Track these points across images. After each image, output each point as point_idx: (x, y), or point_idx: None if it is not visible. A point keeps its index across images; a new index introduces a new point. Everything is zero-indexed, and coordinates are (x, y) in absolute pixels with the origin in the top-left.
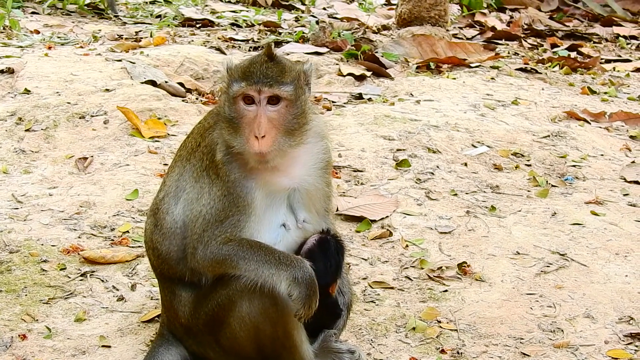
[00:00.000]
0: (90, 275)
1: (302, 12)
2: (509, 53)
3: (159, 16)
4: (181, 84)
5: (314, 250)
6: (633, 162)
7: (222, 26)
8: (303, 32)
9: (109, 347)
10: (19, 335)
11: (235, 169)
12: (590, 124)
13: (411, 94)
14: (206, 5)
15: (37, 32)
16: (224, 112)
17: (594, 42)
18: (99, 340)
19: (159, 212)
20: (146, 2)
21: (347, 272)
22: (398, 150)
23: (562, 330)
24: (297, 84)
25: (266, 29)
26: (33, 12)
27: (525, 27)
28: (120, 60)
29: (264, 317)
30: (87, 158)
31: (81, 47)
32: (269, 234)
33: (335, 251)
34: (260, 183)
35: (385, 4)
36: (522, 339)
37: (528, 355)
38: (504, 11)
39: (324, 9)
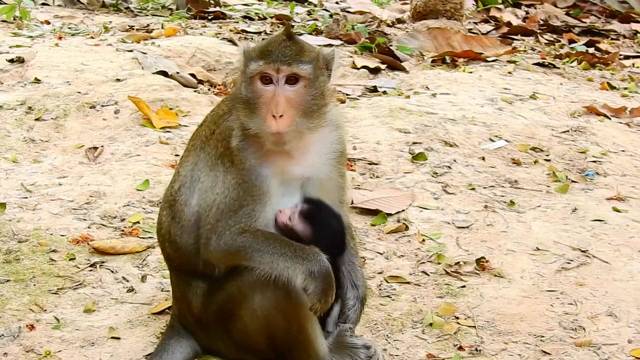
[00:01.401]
0: (100, 265)
1: (315, 5)
2: (525, 48)
3: (169, 9)
4: (193, 75)
5: (306, 226)
6: None
7: (234, 19)
8: (316, 25)
9: (119, 338)
10: (27, 325)
11: (251, 156)
12: (610, 119)
13: (427, 87)
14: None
15: (48, 22)
16: (240, 93)
17: (612, 39)
18: (108, 331)
19: (177, 204)
20: None
21: (361, 265)
22: (414, 143)
23: (584, 329)
24: (316, 65)
25: (278, 22)
26: (43, 4)
27: (542, 22)
28: (131, 51)
29: (277, 310)
30: (97, 148)
31: (92, 37)
32: None
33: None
34: (275, 171)
35: None
36: (543, 336)
37: (549, 354)
38: (520, 7)
39: (337, 2)
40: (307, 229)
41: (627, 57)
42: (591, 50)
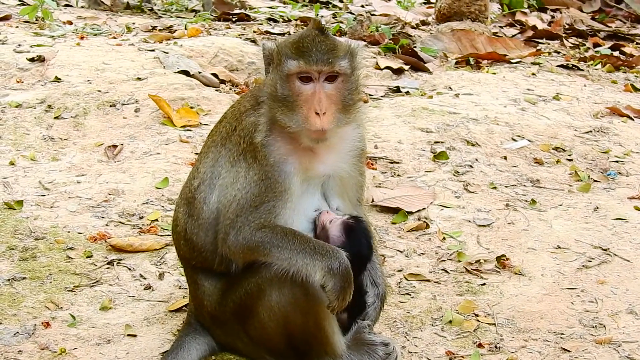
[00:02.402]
0: (117, 263)
1: (340, 9)
2: (550, 51)
3: (193, 11)
4: (215, 75)
5: (340, 235)
6: None
7: (258, 21)
8: (340, 27)
9: (135, 336)
10: (42, 323)
11: (275, 152)
12: (633, 120)
13: (450, 88)
14: (242, 1)
15: (70, 23)
16: (274, 91)
17: (637, 43)
18: (124, 329)
19: (195, 201)
20: None
21: (381, 263)
22: (436, 142)
23: (604, 326)
24: (350, 59)
25: (302, 24)
26: (66, 5)
27: (567, 27)
28: (153, 51)
29: (295, 306)
30: (116, 146)
31: (114, 37)
32: (303, 221)
33: (364, 233)
34: (299, 168)
35: (424, 2)
36: (563, 334)
37: (569, 351)
38: (545, 11)
39: (362, 6)
40: (341, 239)
41: None
42: (616, 53)
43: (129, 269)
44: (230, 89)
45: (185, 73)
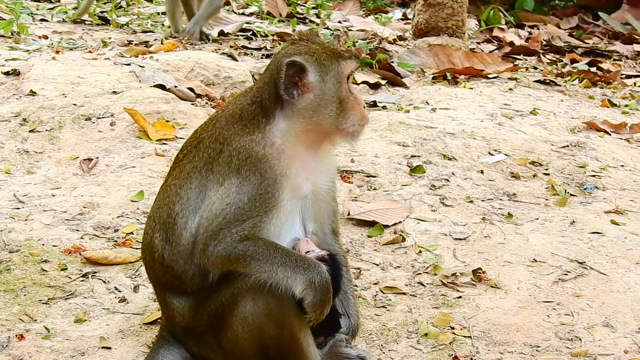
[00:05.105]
0: (92, 276)
1: (317, 24)
2: (527, 67)
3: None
4: (191, 89)
5: None
6: None
7: (234, 36)
8: None
9: (109, 348)
10: (16, 335)
11: (276, 167)
12: (610, 135)
13: (427, 102)
14: (219, 19)
15: (46, 37)
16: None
17: (614, 59)
18: (99, 341)
19: (176, 226)
20: (158, 13)
21: (354, 295)
22: (412, 156)
23: (580, 339)
24: None
25: (279, 39)
26: (42, 20)
27: (544, 43)
28: (129, 65)
29: (269, 318)
30: (92, 159)
31: (90, 51)
32: (283, 242)
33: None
34: (291, 186)
35: (401, 19)
36: (539, 347)
37: None
38: (523, 27)
39: (339, 22)
40: None
41: (628, 77)
42: (593, 69)
43: (104, 282)
44: (207, 103)
45: (161, 87)
